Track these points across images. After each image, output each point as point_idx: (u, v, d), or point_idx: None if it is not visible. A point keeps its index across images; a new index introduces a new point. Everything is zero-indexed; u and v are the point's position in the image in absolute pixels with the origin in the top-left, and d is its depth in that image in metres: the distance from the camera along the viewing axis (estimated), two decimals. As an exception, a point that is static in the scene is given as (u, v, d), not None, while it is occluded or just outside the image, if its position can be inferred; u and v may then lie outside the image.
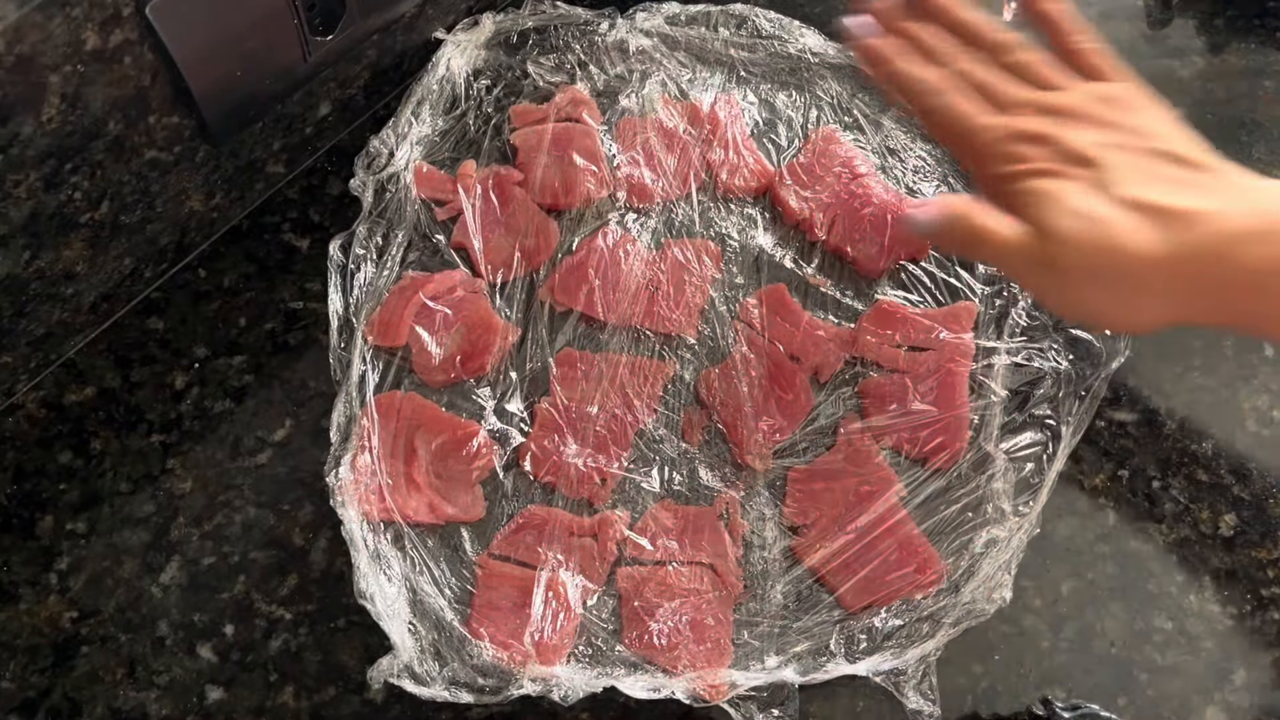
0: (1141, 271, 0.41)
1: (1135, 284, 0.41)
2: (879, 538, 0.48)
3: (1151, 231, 0.41)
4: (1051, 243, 0.42)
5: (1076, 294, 0.43)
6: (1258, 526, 0.50)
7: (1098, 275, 0.42)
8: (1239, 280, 0.40)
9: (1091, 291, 0.42)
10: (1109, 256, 0.41)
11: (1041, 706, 0.45)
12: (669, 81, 0.60)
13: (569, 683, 0.43)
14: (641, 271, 0.54)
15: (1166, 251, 0.41)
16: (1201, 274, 0.41)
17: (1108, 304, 0.43)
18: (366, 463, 0.48)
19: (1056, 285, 0.43)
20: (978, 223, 0.43)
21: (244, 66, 0.49)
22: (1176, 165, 0.43)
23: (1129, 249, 0.41)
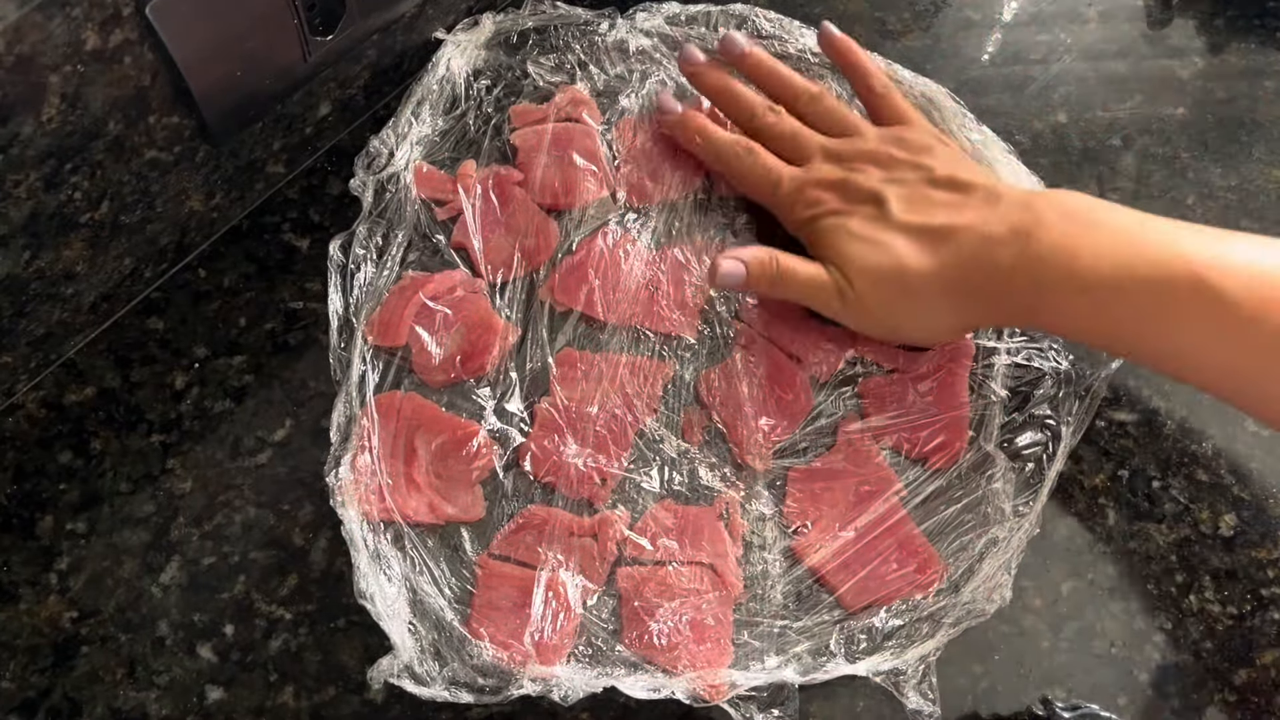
0: (922, 285, 0.48)
1: (920, 296, 0.48)
2: (879, 538, 0.48)
3: (923, 249, 0.48)
4: (845, 271, 0.49)
5: (874, 313, 0.49)
6: (1258, 526, 0.50)
7: (885, 293, 0.48)
8: (999, 282, 0.46)
9: (886, 309, 0.49)
10: (892, 275, 0.48)
11: (1041, 706, 0.45)
12: (669, 81, 0.60)
13: (569, 683, 0.43)
14: (641, 271, 0.54)
15: (937, 264, 0.47)
16: (968, 279, 0.47)
17: (903, 318, 0.49)
18: (366, 463, 0.48)
19: (856, 308, 0.49)
20: (782, 264, 0.50)
21: (244, 66, 0.49)
22: (948, 190, 0.49)
23: (908, 266, 0.48)
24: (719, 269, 0.50)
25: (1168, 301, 0.43)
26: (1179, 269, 0.43)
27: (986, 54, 0.65)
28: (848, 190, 0.50)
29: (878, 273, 0.48)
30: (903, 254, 0.48)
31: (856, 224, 0.49)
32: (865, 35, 0.64)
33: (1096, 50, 0.65)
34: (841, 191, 0.50)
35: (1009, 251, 0.46)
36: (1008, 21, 0.66)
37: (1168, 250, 0.43)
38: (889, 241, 0.48)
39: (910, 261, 0.47)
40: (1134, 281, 0.43)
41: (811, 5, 0.65)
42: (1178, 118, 0.62)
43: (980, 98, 0.62)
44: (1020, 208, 0.47)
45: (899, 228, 0.48)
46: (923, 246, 0.48)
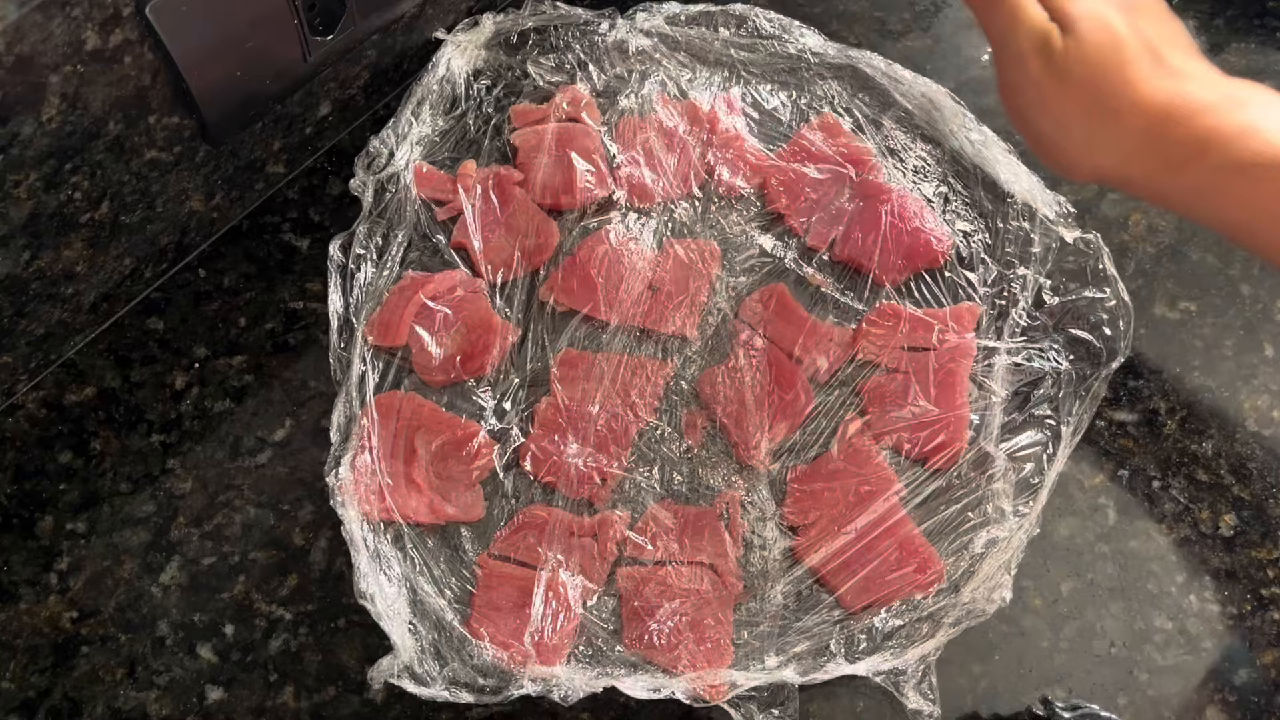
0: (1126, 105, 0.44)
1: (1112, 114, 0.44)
2: (879, 538, 0.48)
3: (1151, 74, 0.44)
4: (1069, 37, 0.44)
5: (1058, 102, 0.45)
6: (1258, 526, 0.50)
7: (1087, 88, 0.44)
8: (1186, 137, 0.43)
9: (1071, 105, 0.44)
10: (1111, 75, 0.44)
11: (1041, 706, 0.45)
12: (669, 81, 0.60)
13: (569, 683, 0.43)
14: (642, 271, 0.54)
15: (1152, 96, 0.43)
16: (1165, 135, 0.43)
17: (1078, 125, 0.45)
18: (366, 463, 0.48)
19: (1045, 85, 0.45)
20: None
21: (244, 66, 0.49)
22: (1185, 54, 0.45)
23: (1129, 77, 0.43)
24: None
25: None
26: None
27: (986, 54, 0.65)
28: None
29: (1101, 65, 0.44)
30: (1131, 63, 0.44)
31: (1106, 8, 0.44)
32: (865, 35, 0.65)
33: (1096, 50, 0.65)
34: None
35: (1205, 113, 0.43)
36: None
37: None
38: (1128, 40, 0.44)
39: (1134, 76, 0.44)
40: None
41: (812, 5, 0.65)
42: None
43: (980, 98, 0.62)
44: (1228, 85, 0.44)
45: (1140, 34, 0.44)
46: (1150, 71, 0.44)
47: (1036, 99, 0.46)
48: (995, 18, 0.46)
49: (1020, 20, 0.45)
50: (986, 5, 0.46)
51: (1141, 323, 0.54)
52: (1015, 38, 0.45)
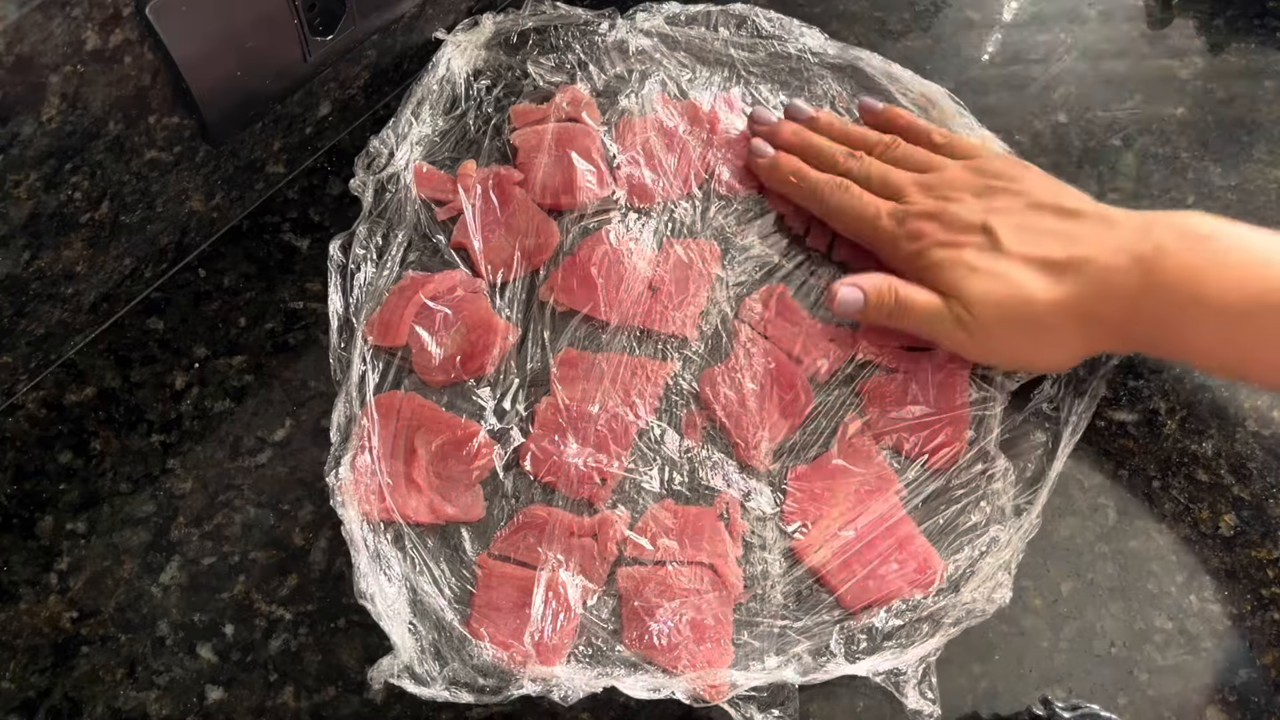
0: (1047, 315, 0.47)
1: (1044, 327, 0.48)
2: (879, 538, 0.48)
3: (1046, 280, 0.47)
4: (969, 303, 0.48)
5: (996, 344, 0.49)
6: (1258, 526, 0.50)
7: (1011, 325, 0.48)
8: (1124, 311, 0.46)
9: (1009, 339, 0.49)
10: (1019, 307, 0.48)
11: (1041, 706, 0.45)
12: (669, 81, 0.60)
13: (569, 683, 0.43)
14: (642, 271, 0.54)
15: (1062, 295, 0.47)
16: (1093, 310, 0.47)
17: (1025, 349, 0.49)
18: (366, 463, 0.48)
19: (977, 340, 0.49)
20: (902, 294, 0.50)
21: (244, 66, 0.49)
22: (1053, 216, 0.49)
23: (1034, 298, 0.47)
24: (837, 295, 0.50)
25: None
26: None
27: (986, 54, 0.65)
28: (948, 220, 0.50)
29: (1002, 306, 0.48)
30: (1026, 286, 0.47)
31: (971, 255, 0.49)
32: (865, 35, 0.65)
33: (1096, 50, 0.65)
34: (942, 221, 0.50)
35: (1132, 280, 0.46)
36: (1008, 21, 0.66)
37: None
38: (1008, 274, 0.48)
39: (1035, 294, 0.47)
40: (1264, 308, 0.43)
41: (812, 5, 0.65)
42: (1178, 118, 0.62)
43: (980, 98, 0.62)
44: (1138, 234, 0.46)
45: (1016, 258, 0.48)
46: (1045, 278, 0.47)
47: (986, 353, 0.50)
48: (906, 321, 0.50)
49: (922, 312, 0.50)
50: (892, 319, 0.51)
51: (1141, 323, 0.54)
52: (931, 327, 0.50)
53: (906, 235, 0.51)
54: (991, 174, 0.52)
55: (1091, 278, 0.47)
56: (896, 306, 0.50)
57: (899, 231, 0.51)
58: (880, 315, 0.50)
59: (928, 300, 0.49)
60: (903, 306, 0.50)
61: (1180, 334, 0.46)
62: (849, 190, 0.53)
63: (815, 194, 0.54)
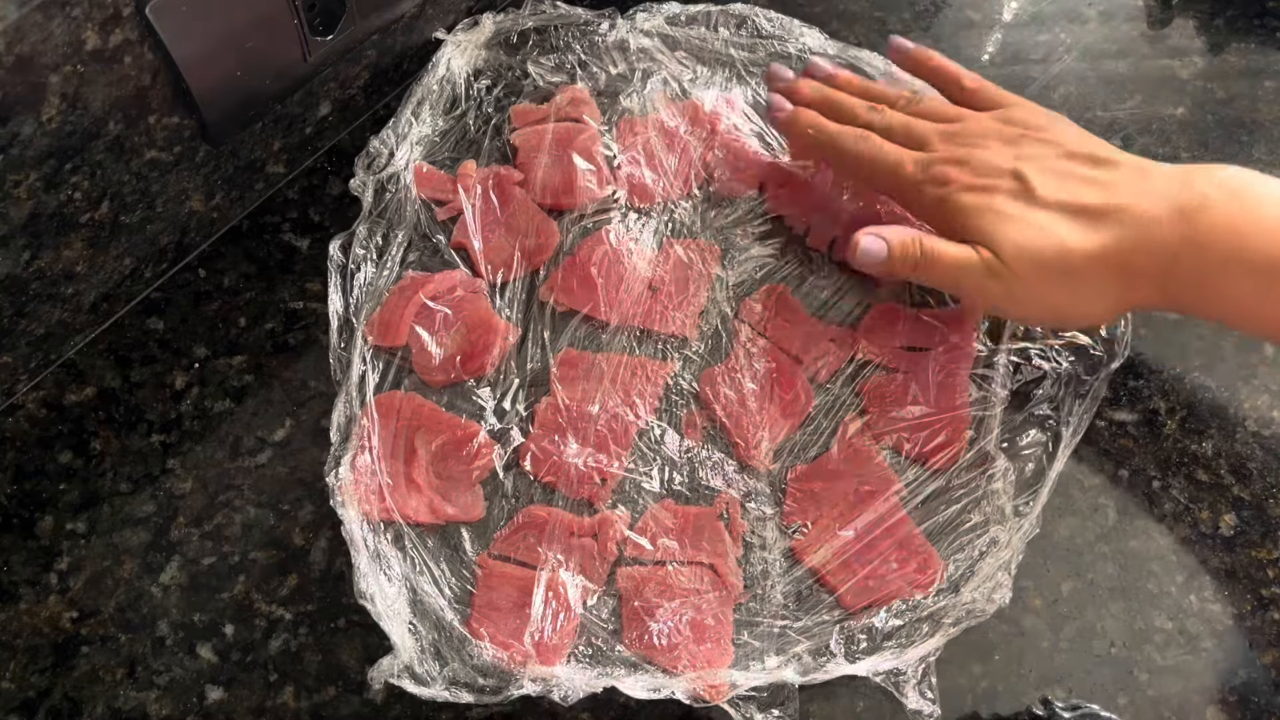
0: (1085, 266, 0.45)
1: (1081, 278, 0.46)
2: (879, 538, 0.48)
3: (1083, 228, 0.45)
4: (1000, 252, 0.46)
5: (1032, 295, 0.47)
6: (1258, 526, 0.50)
7: (1048, 275, 0.46)
8: (1162, 263, 0.45)
9: (1045, 290, 0.46)
10: (1054, 256, 0.45)
11: (1041, 706, 0.45)
12: (670, 81, 0.60)
13: (569, 683, 0.43)
14: (642, 271, 0.54)
15: (1099, 244, 0.45)
16: (1131, 261, 0.45)
17: (1062, 300, 0.47)
18: (366, 463, 0.48)
19: (1012, 291, 0.46)
20: (928, 245, 0.48)
21: (244, 66, 0.49)
22: (1087, 164, 0.47)
23: (1070, 247, 0.45)
24: (859, 244, 0.48)
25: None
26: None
27: (986, 54, 0.65)
28: (976, 165, 0.48)
29: (1039, 254, 0.45)
30: (1063, 234, 0.45)
31: (1002, 201, 0.46)
32: (865, 35, 0.65)
33: (1096, 50, 0.65)
34: (970, 166, 0.48)
35: (1173, 232, 0.44)
36: (1008, 21, 0.66)
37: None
38: (1044, 221, 0.46)
39: (1072, 242, 0.45)
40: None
41: (811, 5, 0.65)
42: (1178, 118, 0.62)
43: (980, 98, 0.62)
44: (1178, 184, 0.45)
45: (1050, 205, 0.46)
46: (1081, 226, 0.45)
47: (1020, 305, 0.48)
48: (932, 273, 0.49)
49: (951, 263, 0.48)
50: (918, 271, 0.48)
51: (1141, 323, 0.54)
52: (961, 280, 0.48)
53: (931, 180, 0.48)
54: (1020, 122, 0.50)
55: (1130, 226, 0.45)
56: (923, 258, 0.47)
57: (923, 177, 0.49)
58: (905, 267, 0.48)
59: (957, 251, 0.47)
60: (929, 258, 0.47)
61: (1218, 289, 0.44)
62: (869, 139, 0.51)
63: (835, 145, 0.52)
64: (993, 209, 0.46)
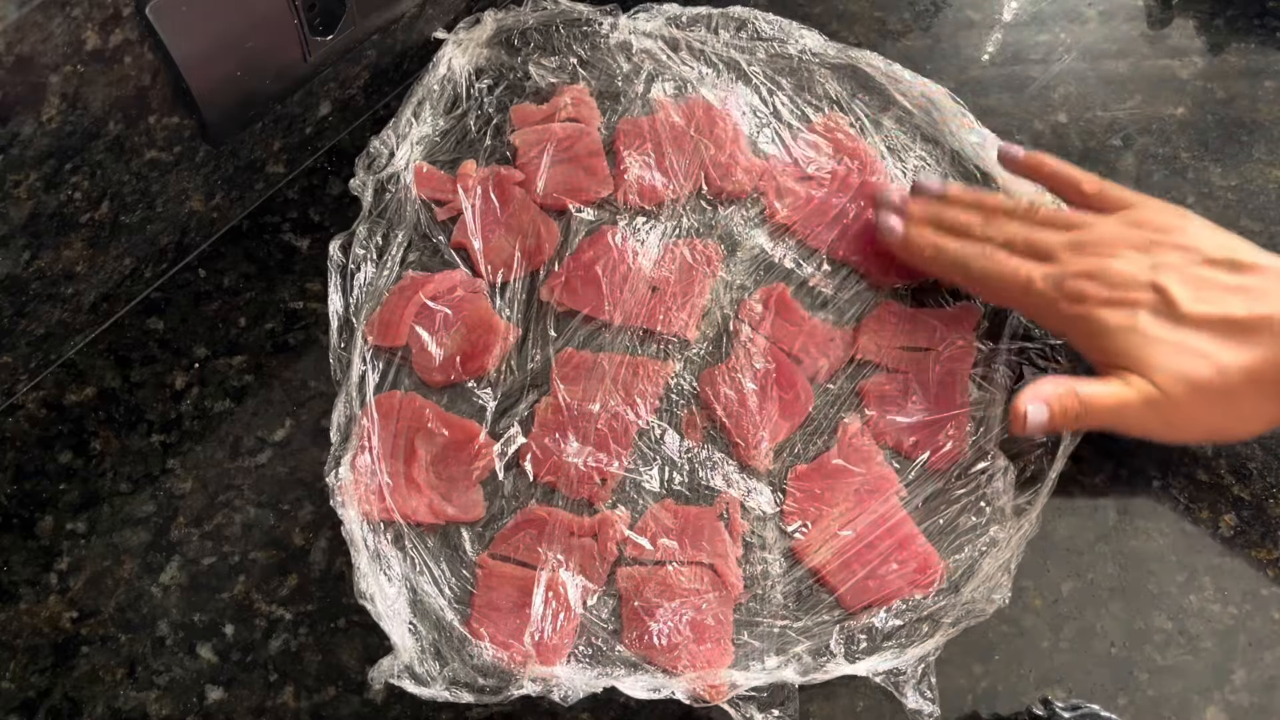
0: (1243, 384, 0.44)
1: (1240, 396, 0.44)
2: (879, 538, 0.48)
3: (1237, 346, 0.44)
4: (1154, 378, 0.45)
5: (1191, 420, 0.45)
6: (1258, 526, 0.50)
7: (1207, 399, 0.44)
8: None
9: (1204, 414, 0.45)
10: (1212, 379, 0.44)
11: (1041, 706, 0.45)
12: (672, 81, 0.60)
13: (569, 683, 0.43)
14: (643, 271, 0.54)
15: (1256, 361, 0.43)
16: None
17: (1221, 420, 0.46)
18: (366, 463, 0.48)
19: (1172, 419, 0.45)
20: (1083, 394, 0.46)
21: (244, 66, 0.49)
22: (1228, 270, 0.46)
23: (1227, 367, 0.44)
24: (1026, 417, 0.46)
25: None
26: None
27: (986, 54, 0.65)
28: (1111, 279, 0.46)
29: (1196, 380, 0.44)
30: (1217, 355, 0.44)
31: (1145, 320, 0.45)
32: (865, 35, 0.65)
33: (1096, 50, 0.65)
34: (1105, 281, 0.46)
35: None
36: (1008, 21, 0.66)
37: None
38: (1194, 342, 0.44)
39: (1227, 362, 0.44)
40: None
41: (811, 5, 0.65)
42: (1178, 118, 0.62)
43: (980, 98, 0.62)
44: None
45: (1197, 322, 0.45)
46: (1234, 343, 0.44)
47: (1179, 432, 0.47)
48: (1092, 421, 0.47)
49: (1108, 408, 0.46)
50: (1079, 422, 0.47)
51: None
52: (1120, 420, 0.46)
53: (1066, 298, 0.47)
54: (1149, 225, 0.48)
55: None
56: (1082, 409, 0.46)
57: (1056, 294, 0.47)
58: (1067, 422, 0.47)
59: (1111, 393, 0.45)
60: (1088, 407, 0.46)
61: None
62: (994, 256, 0.49)
63: (958, 264, 0.50)
64: (1137, 330, 0.45)
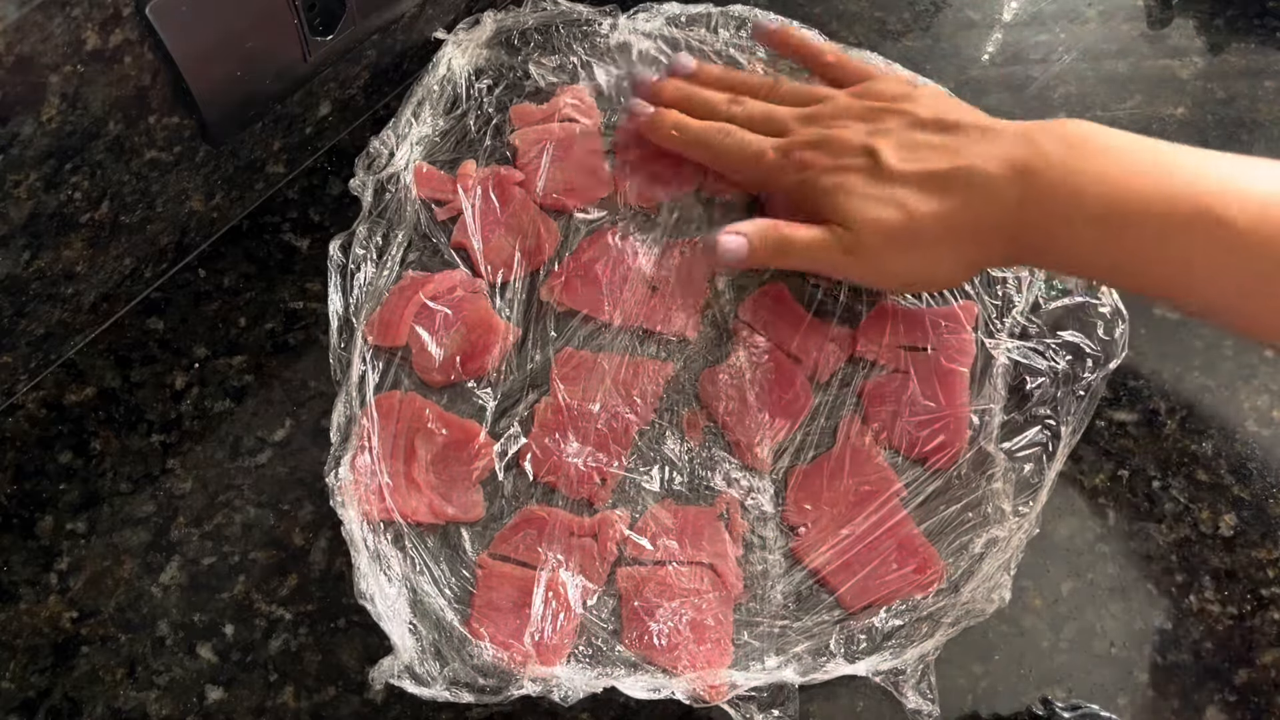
0: (933, 229, 0.47)
1: (931, 242, 0.48)
2: (879, 538, 0.48)
3: (928, 196, 0.47)
4: (852, 228, 0.48)
5: (886, 265, 0.49)
6: (1258, 526, 0.50)
7: (899, 244, 0.48)
8: (1007, 221, 0.46)
9: (897, 259, 0.48)
10: (903, 228, 0.47)
11: (1041, 706, 0.45)
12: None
13: (569, 683, 0.43)
14: (642, 271, 0.54)
15: (945, 210, 0.47)
16: (977, 222, 0.47)
17: (916, 267, 0.49)
18: (366, 463, 0.48)
19: (865, 263, 0.49)
20: (784, 232, 0.50)
21: (244, 66, 0.49)
22: (937, 131, 0.49)
23: (916, 216, 0.47)
24: (720, 244, 0.50)
25: (1176, 231, 0.43)
26: (1186, 198, 0.43)
27: (986, 54, 0.65)
28: (833, 146, 0.50)
29: (888, 228, 0.47)
30: (910, 205, 0.47)
31: (854, 180, 0.48)
32: (865, 35, 0.65)
33: (1096, 50, 0.65)
34: (827, 149, 0.50)
35: (1013, 189, 0.46)
36: (1008, 21, 0.66)
37: (1176, 178, 0.43)
38: (892, 195, 0.47)
39: (918, 211, 0.47)
40: (1142, 212, 0.43)
41: (811, 5, 0.65)
42: (1178, 118, 0.62)
43: (980, 98, 0.62)
44: (1019, 142, 0.46)
45: (899, 179, 0.48)
46: (927, 194, 0.47)
47: (877, 277, 0.51)
48: (791, 258, 0.50)
49: (805, 246, 0.49)
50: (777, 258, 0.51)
51: (1141, 323, 0.54)
52: (817, 259, 0.50)
53: (793, 167, 0.50)
54: (876, 95, 0.52)
55: (970, 189, 0.46)
56: (780, 243, 0.50)
57: (784, 163, 0.51)
58: (766, 256, 0.50)
59: (812, 233, 0.49)
60: (786, 243, 0.49)
61: (1060, 242, 0.46)
62: (732, 134, 0.53)
63: (699, 142, 0.54)
64: (845, 189, 0.48)
